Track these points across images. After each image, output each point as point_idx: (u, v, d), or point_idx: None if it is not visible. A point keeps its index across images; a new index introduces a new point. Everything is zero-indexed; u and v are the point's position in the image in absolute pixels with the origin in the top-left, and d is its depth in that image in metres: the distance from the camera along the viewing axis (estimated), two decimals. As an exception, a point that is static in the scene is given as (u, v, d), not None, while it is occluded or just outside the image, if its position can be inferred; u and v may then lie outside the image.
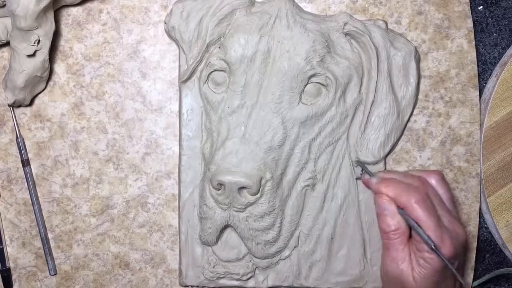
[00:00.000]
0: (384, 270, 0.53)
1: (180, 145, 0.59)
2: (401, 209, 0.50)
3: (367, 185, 0.55)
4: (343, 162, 0.58)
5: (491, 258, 0.63)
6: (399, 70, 0.57)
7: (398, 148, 0.60)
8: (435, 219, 0.49)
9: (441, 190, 0.52)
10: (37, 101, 0.61)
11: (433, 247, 0.48)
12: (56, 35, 0.60)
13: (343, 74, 0.56)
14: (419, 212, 0.49)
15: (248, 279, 0.59)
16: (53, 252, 0.61)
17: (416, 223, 0.49)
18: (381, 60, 0.56)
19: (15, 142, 0.61)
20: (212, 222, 0.55)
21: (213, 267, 0.58)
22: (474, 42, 0.60)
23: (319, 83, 0.55)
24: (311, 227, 0.58)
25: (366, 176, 0.55)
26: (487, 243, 0.63)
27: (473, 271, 0.61)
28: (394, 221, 0.50)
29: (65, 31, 0.61)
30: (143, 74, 0.61)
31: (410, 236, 0.51)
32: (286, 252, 0.58)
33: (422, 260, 0.49)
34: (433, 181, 0.52)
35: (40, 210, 0.61)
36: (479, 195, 0.61)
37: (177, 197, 0.61)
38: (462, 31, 0.60)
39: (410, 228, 0.50)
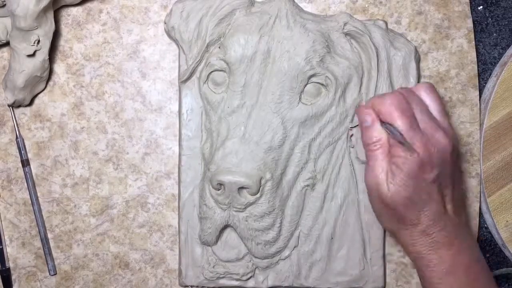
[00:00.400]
0: (365, 182, 0.52)
1: (180, 145, 0.59)
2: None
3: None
4: (343, 162, 0.58)
5: (491, 258, 0.63)
6: (399, 70, 0.57)
7: (398, 148, 0.60)
8: (408, 121, 0.48)
9: (429, 100, 0.52)
10: (37, 101, 0.61)
11: (399, 138, 0.47)
12: (56, 35, 0.60)
13: (343, 74, 0.55)
14: (392, 112, 0.49)
15: (248, 279, 0.59)
16: (53, 252, 0.61)
17: (390, 123, 0.49)
18: (381, 60, 0.56)
19: (15, 142, 0.61)
20: (212, 222, 0.55)
21: (213, 267, 0.58)
22: (474, 42, 0.60)
23: (319, 83, 0.55)
24: (311, 227, 0.58)
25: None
26: (487, 243, 0.63)
27: (473, 271, 0.61)
28: (374, 132, 0.50)
29: (65, 31, 0.61)
30: (143, 74, 0.61)
31: None
32: (286, 252, 0.58)
33: (395, 167, 0.49)
34: (422, 91, 0.52)
35: (40, 210, 0.61)
36: (479, 195, 0.61)
37: (177, 197, 0.61)
38: (462, 31, 0.60)
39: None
